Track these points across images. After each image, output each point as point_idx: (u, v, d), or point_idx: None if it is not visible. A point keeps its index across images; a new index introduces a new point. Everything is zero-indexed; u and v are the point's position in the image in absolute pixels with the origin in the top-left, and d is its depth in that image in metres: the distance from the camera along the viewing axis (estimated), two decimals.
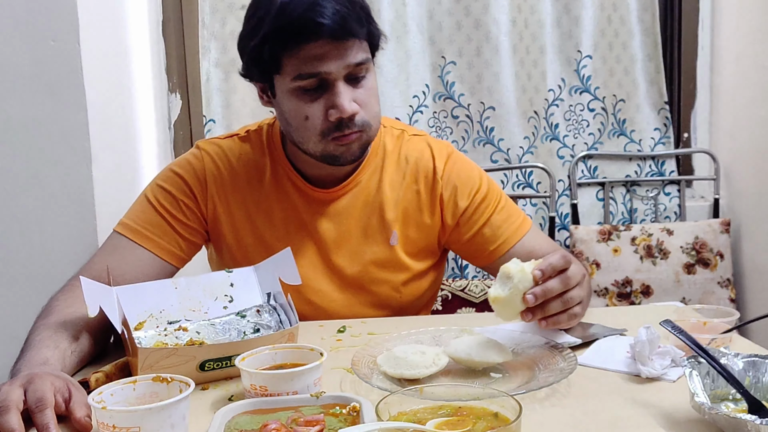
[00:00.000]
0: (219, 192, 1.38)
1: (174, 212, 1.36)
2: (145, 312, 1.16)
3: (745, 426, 0.79)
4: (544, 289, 1.06)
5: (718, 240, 2.60)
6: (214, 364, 1.05)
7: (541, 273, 1.06)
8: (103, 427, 0.83)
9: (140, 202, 1.38)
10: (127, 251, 1.32)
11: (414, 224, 1.41)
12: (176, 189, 1.37)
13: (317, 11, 1.17)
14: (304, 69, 1.22)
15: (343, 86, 1.23)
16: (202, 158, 1.39)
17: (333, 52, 1.21)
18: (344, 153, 1.28)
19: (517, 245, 1.40)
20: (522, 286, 1.05)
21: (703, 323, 1.14)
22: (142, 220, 1.35)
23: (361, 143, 1.29)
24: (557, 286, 1.07)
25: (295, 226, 1.39)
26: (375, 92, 1.30)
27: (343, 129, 1.25)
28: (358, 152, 1.30)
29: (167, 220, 1.35)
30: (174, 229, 1.36)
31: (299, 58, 1.21)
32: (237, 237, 1.39)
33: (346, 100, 1.23)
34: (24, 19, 1.79)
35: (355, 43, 1.23)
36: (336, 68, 1.22)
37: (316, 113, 1.25)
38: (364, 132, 1.28)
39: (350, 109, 1.23)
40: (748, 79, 2.55)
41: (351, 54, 1.22)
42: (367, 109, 1.27)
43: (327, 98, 1.24)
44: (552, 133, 2.74)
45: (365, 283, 1.40)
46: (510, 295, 1.05)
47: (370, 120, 1.28)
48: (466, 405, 0.82)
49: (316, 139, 1.27)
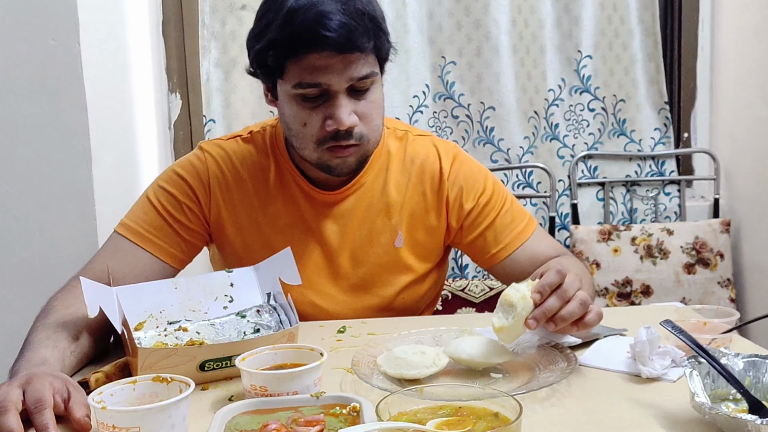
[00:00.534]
0: (223, 194, 1.37)
1: (176, 215, 1.35)
2: (145, 312, 1.16)
3: (745, 426, 0.79)
4: (543, 310, 1.03)
5: (718, 240, 2.60)
6: (214, 364, 1.05)
7: (539, 296, 1.04)
8: (103, 427, 0.83)
9: (142, 203, 1.37)
10: (127, 253, 1.31)
11: (420, 226, 1.41)
12: (179, 191, 1.36)
13: (323, 23, 1.16)
14: (305, 78, 1.21)
15: (344, 98, 1.22)
16: (206, 160, 1.38)
17: (337, 65, 1.19)
18: (339, 165, 1.28)
19: (518, 250, 1.40)
20: (525, 312, 1.03)
21: (704, 323, 1.14)
22: (143, 221, 1.34)
23: (358, 156, 1.28)
24: (556, 304, 1.04)
25: (299, 228, 1.38)
26: (378, 105, 1.28)
27: (340, 140, 1.24)
28: (354, 165, 1.30)
29: (169, 222, 1.34)
30: (176, 231, 1.35)
31: (302, 67, 1.20)
32: (241, 239, 1.38)
33: (344, 113, 1.22)
34: (24, 18, 1.79)
35: (360, 57, 1.21)
36: (337, 81, 1.21)
37: (314, 121, 1.24)
38: (362, 146, 1.27)
39: (348, 122, 1.22)
40: (748, 79, 2.55)
41: (355, 67, 1.21)
42: (367, 123, 1.26)
43: (326, 108, 1.23)
44: (552, 133, 2.74)
45: (369, 285, 1.40)
46: (514, 323, 1.04)
47: (369, 133, 1.27)
48: (466, 405, 0.82)
49: (312, 146, 1.26)
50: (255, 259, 1.33)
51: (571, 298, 1.04)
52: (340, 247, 1.38)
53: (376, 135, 1.29)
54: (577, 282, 1.07)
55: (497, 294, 2.25)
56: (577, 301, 1.04)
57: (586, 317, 1.05)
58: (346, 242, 1.38)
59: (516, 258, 1.40)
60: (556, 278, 1.05)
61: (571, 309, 1.04)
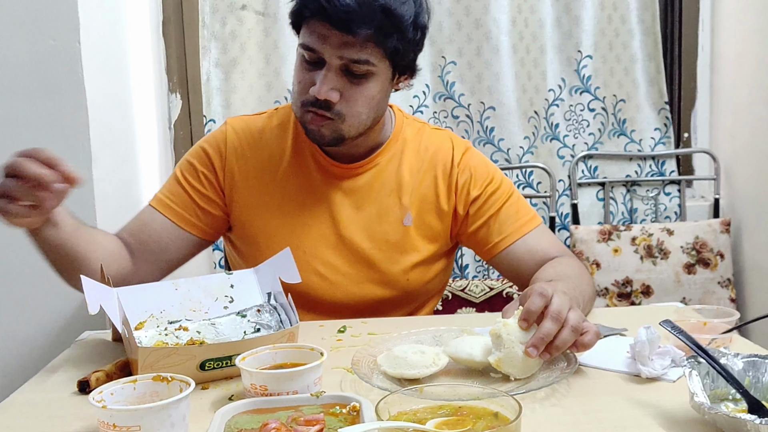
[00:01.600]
0: (239, 162, 1.43)
1: (193, 182, 1.43)
2: (146, 312, 1.17)
3: (744, 426, 0.79)
4: (540, 336, 0.99)
5: (718, 240, 2.60)
6: (215, 363, 1.05)
7: (526, 323, 1.00)
8: (104, 426, 0.83)
9: (171, 176, 1.47)
10: (151, 219, 1.41)
11: (430, 209, 1.44)
12: (198, 161, 1.45)
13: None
14: (306, 40, 1.29)
15: (333, 73, 1.27)
16: (225, 131, 1.46)
17: (333, 38, 1.25)
18: (313, 131, 1.33)
19: (518, 242, 1.41)
20: (513, 337, 1.00)
21: (703, 323, 1.14)
22: (168, 191, 1.44)
23: (332, 130, 1.32)
24: (552, 326, 0.99)
25: (311, 198, 1.42)
26: (369, 95, 1.31)
27: (317, 108, 1.29)
28: (329, 138, 1.33)
29: (186, 190, 1.43)
30: (191, 198, 1.42)
31: (308, 30, 1.28)
32: (252, 201, 1.43)
33: (325, 85, 1.27)
34: (24, 18, 1.79)
35: (357, 41, 1.24)
36: (329, 54, 1.26)
37: (305, 82, 1.30)
38: (337, 122, 1.30)
39: (324, 94, 1.27)
40: (748, 79, 2.55)
41: (350, 48, 1.25)
42: (348, 104, 1.29)
43: (316, 75, 1.28)
44: (552, 133, 2.74)
45: (375, 260, 1.42)
46: (507, 351, 1.00)
47: (348, 116, 1.30)
48: (466, 405, 0.82)
49: (297, 103, 1.33)
50: (264, 224, 1.41)
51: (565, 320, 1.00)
52: (349, 219, 1.42)
53: (354, 120, 1.32)
54: (567, 301, 1.02)
55: (497, 294, 2.25)
56: (569, 328, 0.99)
57: (585, 338, 1.01)
58: (356, 216, 1.42)
59: (515, 250, 1.41)
60: (540, 302, 1.01)
61: (564, 337, 0.99)
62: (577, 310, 1.02)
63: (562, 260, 1.37)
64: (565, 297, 1.03)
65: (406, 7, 1.27)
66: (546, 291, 1.02)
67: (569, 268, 1.32)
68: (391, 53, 1.29)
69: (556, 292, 1.02)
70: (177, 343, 1.12)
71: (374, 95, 1.31)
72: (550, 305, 1.00)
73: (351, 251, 1.42)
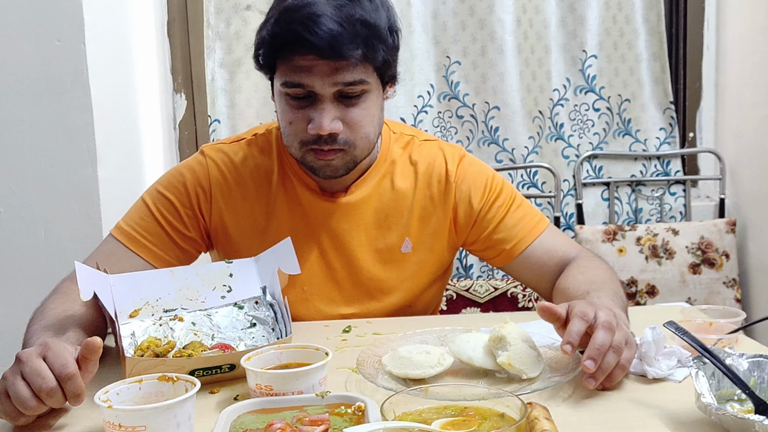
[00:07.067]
0: (225, 200, 1.36)
1: (174, 222, 1.34)
2: (141, 300, 1.16)
3: (752, 426, 0.79)
4: (597, 346, 0.95)
5: (723, 240, 2.59)
6: (203, 372, 1.03)
7: (570, 347, 0.97)
8: (109, 426, 0.83)
9: (139, 207, 1.35)
10: (122, 258, 1.30)
11: (427, 230, 1.39)
12: (177, 199, 1.35)
13: (309, 27, 1.15)
14: (291, 78, 1.21)
15: (329, 103, 1.21)
16: (207, 165, 1.36)
17: (321, 69, 1.18)
18: (323, 167, 1.26)
19: (534, 243, 1.38)
20: (516, 334, 1.01)
21: (709, 324, 1.14)
22: (140, 227, 1.32)
23: (344, 161, 1.26)
24: (606, 336, 0.96)
25: (303, 226, 1.36)
26: (370, 113, 1.25)
27: (322, 144, 1.23)
28: (341, 169, 1.28)
29: (166, 230, 1.33)
30: (172, 239, 1.34)
31: (289, 67, 1.21)
32: (245, 241, 1.37)
33: (326, 118, 1.20)
34: (29, 19, 1.80)
35: (348, 63, 1.18)
36: (321, 85, 1.19)
37: (299, 122, 1.23)
38: (347, 151, 1.25)
39: (328, 128, 1.20)
40: (753, 79, 2.54)
41: (341, 73, 1.19)
42: (354, 130, 1.24)
43: (311, 111, 1.22)
44: (557, 133, 2.74)
45: (374, 291, 1.39)
46: (514, 348, 1.00)
47: (356, 141, 1.25)
48: (471, 405, 0.82)
49: (297, 145, 1.26)
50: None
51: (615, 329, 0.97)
52: (343, 248, 1.37)
53: (364, 143, 1.27)
54: (612, 315, 1.00)
55: (502, 294, 2.25)
56: (621, 368, 0.98)
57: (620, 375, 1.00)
58: (351, 245, 1.37)
59: (532, 253, 1.37)
60: (582, 326, 0.98)
61: (616, 376, 0.98)
62: (623, 328, 1.00)
63: (587, 263, 1.32)
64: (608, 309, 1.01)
65: (380, 14, 1.22)
66: (587, 314, 0.99)
67: (598, 272, 1.27)
68: (380, 66, 1.24)
69: (601, 308, 1.01)
70: (170, 342, 1.11)
71: (374, 112, 1.27)
72: (597, 318, 0.98)
73: (349, 277, 1.37)
